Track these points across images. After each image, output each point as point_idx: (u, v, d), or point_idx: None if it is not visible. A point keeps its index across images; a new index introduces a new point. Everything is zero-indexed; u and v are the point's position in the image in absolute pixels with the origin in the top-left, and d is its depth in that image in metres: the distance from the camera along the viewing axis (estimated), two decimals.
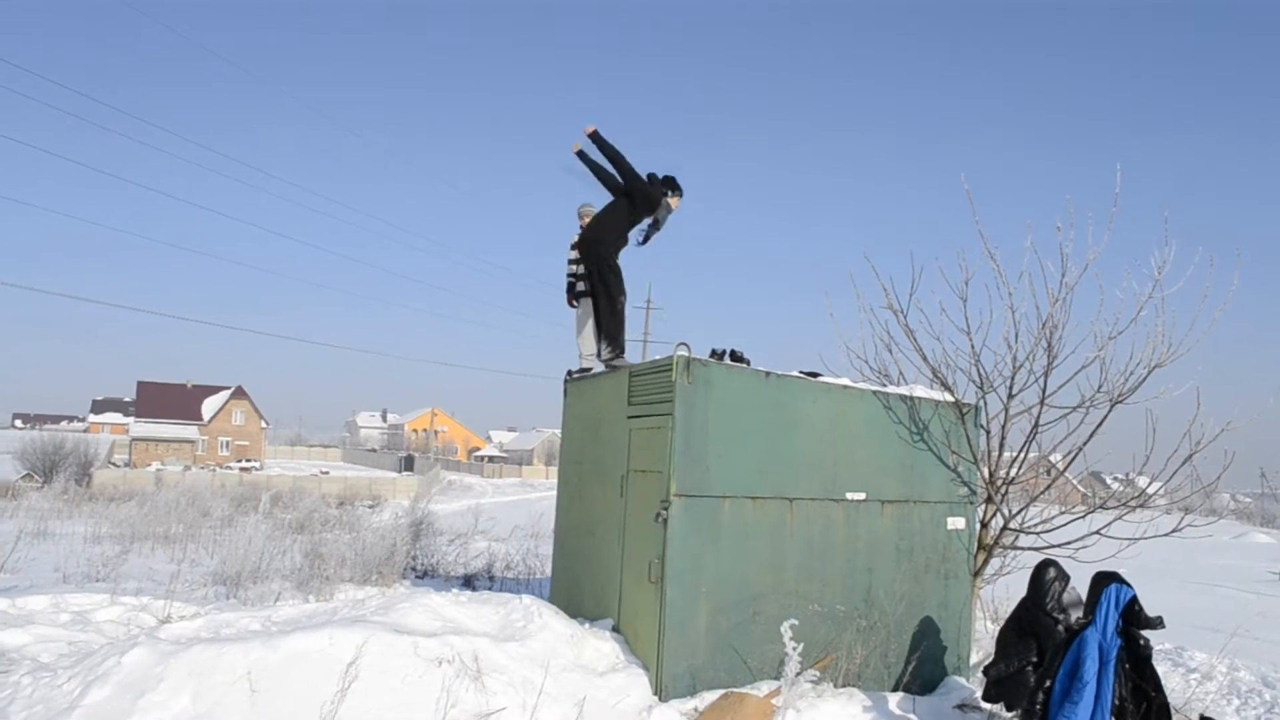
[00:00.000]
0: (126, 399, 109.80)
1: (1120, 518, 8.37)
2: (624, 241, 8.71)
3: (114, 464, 70.40)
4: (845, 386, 7.80)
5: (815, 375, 7.72)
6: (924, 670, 7.76)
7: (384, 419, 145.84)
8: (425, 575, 12.71)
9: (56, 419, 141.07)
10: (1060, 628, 6.07)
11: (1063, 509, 8.80)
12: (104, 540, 15.67)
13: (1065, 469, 8.76)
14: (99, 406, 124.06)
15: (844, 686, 7.13)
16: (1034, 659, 6.28)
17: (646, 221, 8.66)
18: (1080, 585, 6.10)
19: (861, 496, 7.69)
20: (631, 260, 9.20)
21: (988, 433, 8.75)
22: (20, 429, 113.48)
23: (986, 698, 6.70)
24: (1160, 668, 5.93)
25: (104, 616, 7.66)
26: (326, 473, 73.42)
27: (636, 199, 8.47)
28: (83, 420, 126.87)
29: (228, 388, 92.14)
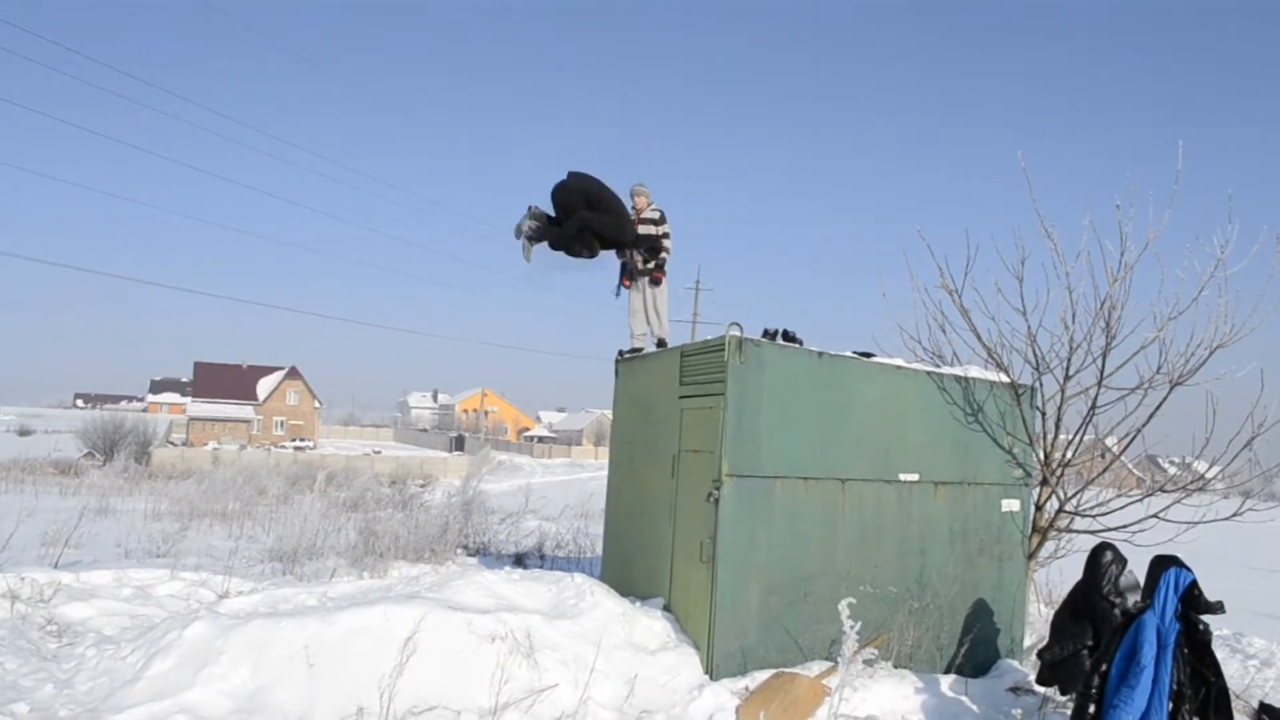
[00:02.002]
0: (184, 379, 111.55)
1: (1178, 501, 8.24)
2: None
3: (172, 443, 71.56)
4: (899, 367, 7.73)
5: (868, 356, 7.66)
6: (977, 653, 7.70)
7: (435, 399, 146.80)
8: (477, 553, 12.83)
9: (116, 399, 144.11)
10: (1117, 611, 6.00)
11: (1119, 492, 8.66)
12: (163, 517, 15.99)
13: (1122, 451, 8.60)
14: (157, 387, 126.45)
15: (896, 668, 7.10)
16: (1089, 642, 6.22)
17: None
18: (1137, 569, 6.01)
19: (915, 478, 7.63)
20: (679, 241, 9.19)
21: (1043, 414, 8.63)
22: (82, 409, 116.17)
23: (1040, 681, 6.65)
24: (1219, 654, 5.84)
25: (164, 591, 7.81)
26: (379, 452, 74.03)
27: None
28: (141, 400, 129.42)
29: (282, 368, 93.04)
